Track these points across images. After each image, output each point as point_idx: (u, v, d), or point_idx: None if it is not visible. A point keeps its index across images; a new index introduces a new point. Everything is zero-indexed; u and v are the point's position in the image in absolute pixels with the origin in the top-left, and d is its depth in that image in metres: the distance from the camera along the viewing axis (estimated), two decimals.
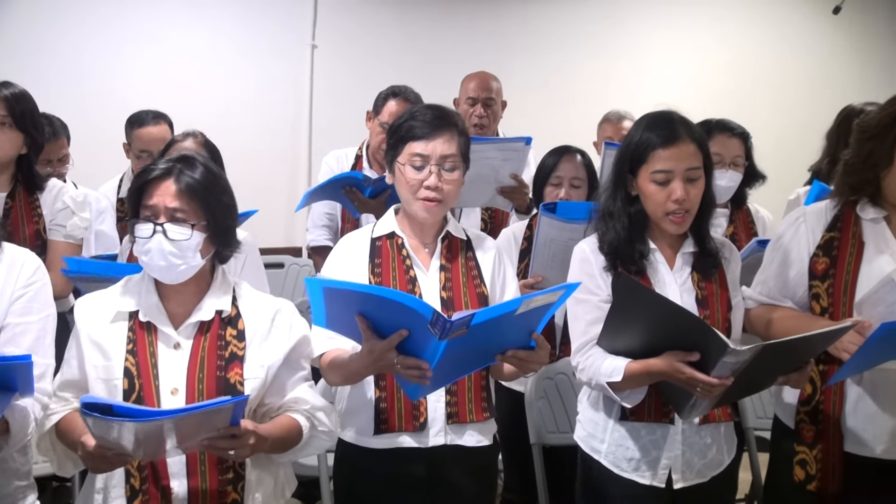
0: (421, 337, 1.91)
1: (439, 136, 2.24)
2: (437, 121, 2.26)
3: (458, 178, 2.28)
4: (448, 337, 1.86)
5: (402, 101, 3.67)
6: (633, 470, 2.29)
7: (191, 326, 2.08)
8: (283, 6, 5.78)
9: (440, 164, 2.24)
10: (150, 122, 3.92)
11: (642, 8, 6.04)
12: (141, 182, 2.06)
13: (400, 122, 2.30)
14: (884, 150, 2.25)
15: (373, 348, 1.98)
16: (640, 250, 2.26)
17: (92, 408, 1.74)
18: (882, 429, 2.26)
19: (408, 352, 1.97)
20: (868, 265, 2.27)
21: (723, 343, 1.93)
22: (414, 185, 2.25)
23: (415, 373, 1.96)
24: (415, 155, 2.24)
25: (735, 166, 3.25)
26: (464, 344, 1.91)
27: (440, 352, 1.89)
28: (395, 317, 1.92)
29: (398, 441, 2.25)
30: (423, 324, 1.87)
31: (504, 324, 1.95)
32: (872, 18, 6.23)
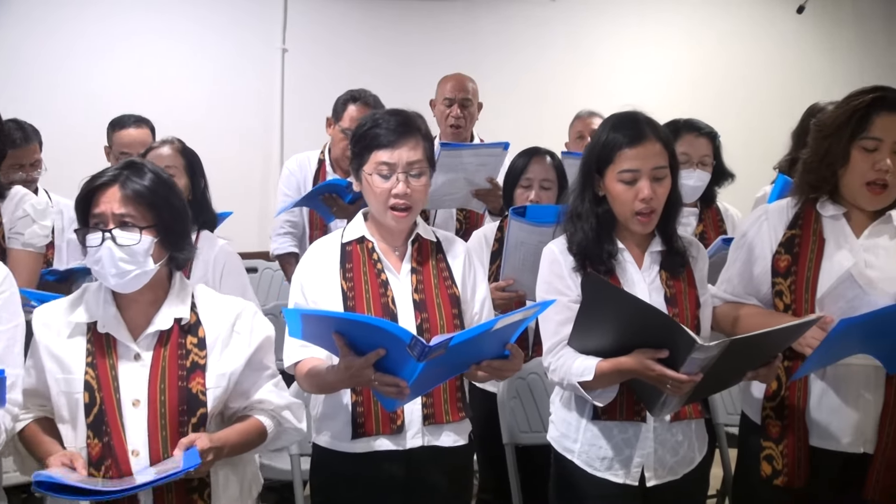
0: (399, 356, 1.92)
1: (404, 144, 2.25)
2: (401, 128, 2.26)
3: (425, 184, 2.29)
4: (426, 359, 1.88)
5: (361, 106, 3.68)
6: (606, 469, 2.30)
7: (150, 336, 2.06)
8: (253, 11, 5.76)
9: (407, 172, 2.25)
10: (131, 124, 3.91)
11: (611, 8, 6.07)
12: (87, 190, 2.04)
13: (363, 130, 2.30)
14: (839, 149, 2.28)
15: (350, 365, 1.99)
16: (609, 250, 2.28)
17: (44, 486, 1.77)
18: (846, 422, 2.29)
19: (385, 369, 1.97)
20: (829, 261, 2.30)
21: (690, 339, 1.95)
22: (382, 194, 2.25)
23: (392, 390, 1.98)
24: (381, 164, 2.24)
25: (703, 165, 3.27)
26: (441, 361, 1.93)
27: (418, 371, 1.90)
28: (373, 338, 1.94)
29: (376, 444, 2.25)
30: (401, 346, 1.88)
31: (480, 340, 1.98)
32: (836, 18, 6.30)
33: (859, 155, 2.26)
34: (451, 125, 3.90)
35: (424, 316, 2.26)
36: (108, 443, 1.97)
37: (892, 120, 2.24)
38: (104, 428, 1.97)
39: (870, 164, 2.24)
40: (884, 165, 2.23)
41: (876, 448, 2.27)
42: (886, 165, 2.22)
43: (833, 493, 2.35)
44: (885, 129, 2.23)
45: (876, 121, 2.24)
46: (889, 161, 2.23)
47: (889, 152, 2.23)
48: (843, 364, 2.26)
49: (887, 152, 2.23)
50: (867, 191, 2.27)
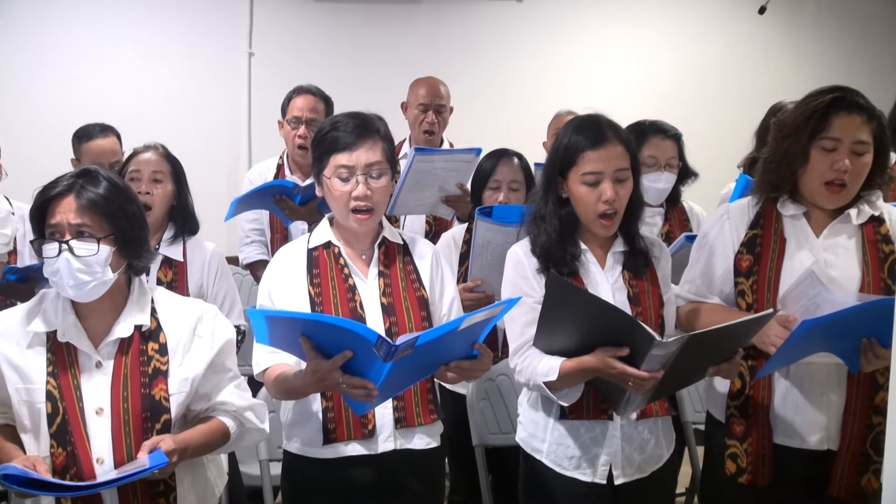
0: (366, 358, 1.92)
1: (362, 145, 2.24)
2: (358, 129, 2.26)
3: (385, 185, 2.29)
4: (393, 359, 1.87)
5: (305, 95, 3.78)
6: (574, 468, 2.32)
7: (111, 344, 2.06)
8: (219, 15, 5.72)
9: (366, 173, 2.24)
10: (98, 135, 3.88)
11: (576, 10, 6.09)
12: (42, 200, 2.02)
13: (322, 135, 2.30)
14: (799, 149, 2.30)
15: (317, 368, 1.98)
16: (572, 252, 2.30)
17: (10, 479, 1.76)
18: (811, 420, 2.32)
19: (353, 371, 1.97)
20: (790, 261, 2.33)
21: (649, 336, 1.97)
22: (343, 197, 2.25)
23: (360, 392, 1.97)
24: (340, 167, 2.24)
25: (670, 167, 3.30)
26: (409, 361, 1.93)
27: (385, 372, 1.90)
28: (339, 339, 1.93)
29: (347, 450, 2.25)
30: (367, 347, 1.88)
31: (447, 340, 1.98)
32: (797, 18, 6.36)
33: (818, 155, 2.29)
34: (426, 131, 3.92)
35: (393, 319, 2.26)
36: (72, 452, 1.96)
37: (850, 120, 2.26)
38: (68, 437, 1.96)
39: (828, 163, 2.27)
40: (842, 165, 2.25)
41: (840, 445, 2.30)
42: (845, 165, 2.25)
43: (798, 491, 2.37)
44: (843, 129, 2.26)
45: (835, 121, 2.27)
46: (847, 161, 2.25)
47: (847, 152, 2.26)
48: (806, 363, 2.29)
49: (845, 152, 2.26)
50: (826, 190, 2.29)
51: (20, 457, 1.95)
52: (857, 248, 2.33)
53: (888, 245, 2.33)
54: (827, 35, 6.42)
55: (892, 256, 2.31)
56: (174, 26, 5.64)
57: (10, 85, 5.38)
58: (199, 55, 5.69)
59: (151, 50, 5.63)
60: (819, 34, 6.40)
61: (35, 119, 5.26)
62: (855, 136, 2.26)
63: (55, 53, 5.49)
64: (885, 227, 2.35)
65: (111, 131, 3.95)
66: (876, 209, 2.36)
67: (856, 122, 2.26)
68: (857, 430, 2.29)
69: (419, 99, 3.96)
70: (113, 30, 5.57)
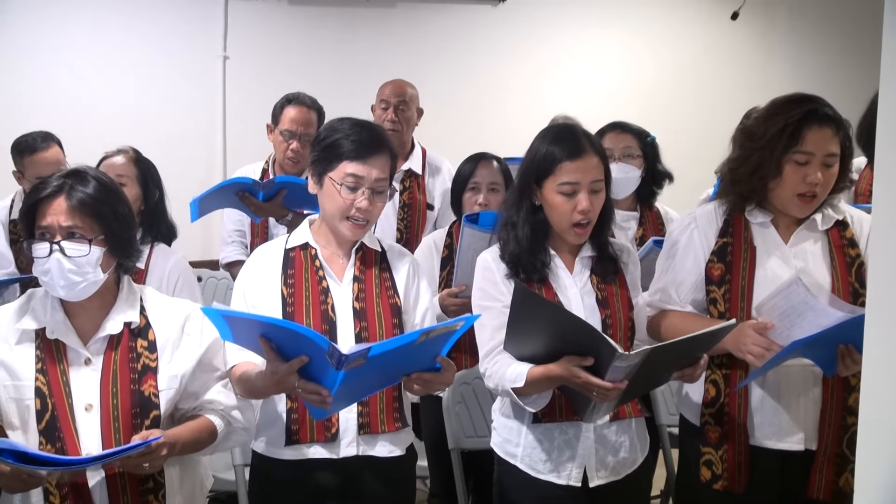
0: (320, 364, 1.92)
1: (377, 160, 2.26)
2: (374, 143, 2.27)
3: (385, 202, 2.32)
4: (345, 368, 1.87)
5: (298, 106, 3.71)
6: (548, 471, 2.32)
7: (100, 341, 2.06)
8: (193, 18, 5.69)
9: (373, 188, 2.26)
10: (39, 147, 3.78)
11: (552, 15, 6.12)
12: (32, 201, 2.02)
13: (334, 138, 2.28)
14: (772, 163, 2.31)
15: (275, 370, 1.99)
16: (542, 259, 2.32)
17: (4, 453, 1.76)
18: (786, 422, 2.33)
19: (310, 376, 1.98)
20: (762, 269, 2.35)
21: (612, 348, 1.99)
22: (346, 205, 2.25)
23: (315, 398, 1.98)
24: (349, 175, 2.24)
25: (627, 157, 3.30)
26: (364, 371, 1.93)
27: (339, 381, 1.90)
28: (296, 343, 1.93)
29: (309, 452, 2.25)
30: (321, 353, 1.88)
31: (405, 352, 1.97)
32: (770, 24, 6.43)
33: (791, 168, 2.30)
34: (388, 129, 3.90)
35: (364, 325, 2.26)
36: (61, 448, 1.96)
37: (821, 133, 2.28)
38: (57, 433, 1.97)
39: (801, 177, 2.29)
40: (815, 179, 2.28)
41: (817, 447, 2.31)
42: (818, 179, 2.28)
43: (775, 495, 2.38)
44: (815, 143, 2.28)
45: (807, 135, 2.28)
46: (820, 174, 2.28)
47: (819, 165, 2.28)
48: (783, 368, 2.30)
49: (818, 165, 2.28)
50: (798, 201, 2.32)
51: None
52: (825, 254, 2.36)
53: (854, 249, 2.35)
54: (799, 40, 6.50)
55: (858, 260, 2.34)
56: (147, 29, 5.60)
57: None
58: (173, 58, 5.66)
59: (124, 52, 5.59)
60: (791, 39, 6.48)
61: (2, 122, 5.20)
62: (826, 150, 2.28)
63: (24, 56, 5.43)
64: (849, 230, 2.38)
65: (52, 140, 3.86)
66: (839, 213, 2.39)
67: (826, 135, 2.28)
68: (834, 432, 2.31)
69: (382, 96, 3.96)
70: (85, 32, 5.52)
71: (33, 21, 5.43)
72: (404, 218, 3.83)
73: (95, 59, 5.54)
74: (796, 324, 2.18)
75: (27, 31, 5.42)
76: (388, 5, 5.95)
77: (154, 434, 1.93)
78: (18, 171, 3.84)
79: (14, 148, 3.83)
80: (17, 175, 3.86)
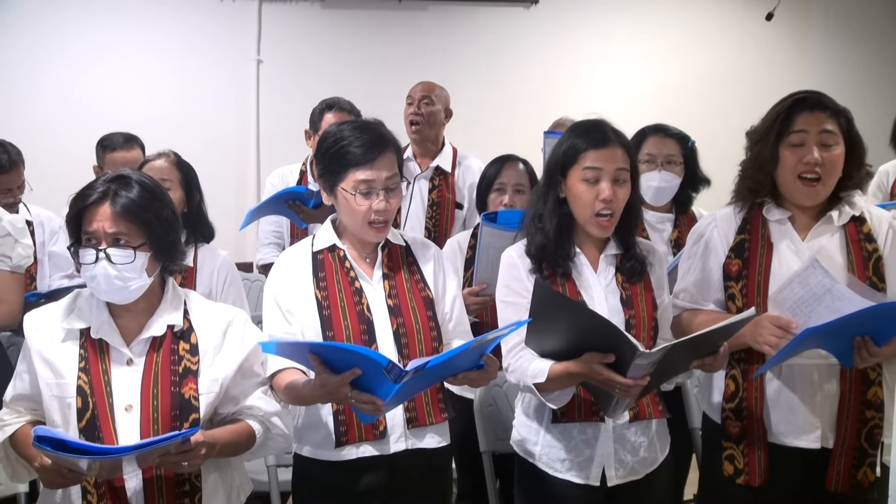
0: (375, 377, 1.93)
1: (383, 159, 2.26)
2: (375, 144, 2.26)
3: (401, 194, 2.31)
4: (402, 381, 1.89)
5: (338, 112, 3.72)
6: (566, 470, 2.33)
7: (143, 342, 2.08)
8: (228, 23, 5.76)
9: (386, 187, 2.26)
10: (122, 146, 3.90)
11: (585, 17, 6.11)
12: (79, 207, 2.04)
13: (335, 148, 2.27)
14: (768, 151, 2.36)
15: (325, 383, 1.99)
16: (566, 252, 2.32)
17: (44, 440, 1.77)
18: (804, 419, 2.35)
19: (361, 387, 1.98)
20: (778, 263, 2.37)
21: (633, 346, 1.99)
22: (363, 212, 2.26)
23: (369, 407, 1.99)
24: (360, 182, 2.24)
25: (669, 165, 3.26)
26: (418, 379, 1.96)
27: (394, 391, 1.92)
28: (348, 358, 1.95)
29: (359, 451, 2.27)
30: (378, 369, 1.90)
31: (457, 359, 2.01)
32: (804, 24, 6.36)
33: (788, 152, 2.34)
34: (411, 122, 3.92)
35: (400, 321, 2.27)
36: None
37: (813, 116, 2.34)
38: (96, 433, 1.98)
39: (798, 158, 2.33)
40: (811, 158, 2.31)
41: (835, 441, 2.33)
42: (814, 158, 2.30)
43: (796, 489, 2.40)
44: (807, 122, 2.33)
45: (798, 118, 2.34)
46: (816, 153, 2.30)
47: (815, 144, 2.32)
48: (797, 363, 2.32)
49: (812, 144, 2.31)
50: (801, 185, 2.34)
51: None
52: (842, 248, 2.37)
53: (871, 243, 2.37)
54: (835, 41, 6.42)
55: (875, 254, 2.36)
56: (183, 33, 5.69)
57: (16, 91, 5.42)
58: (208, 62, 5.74)
59: (160, 56, 5.68)
60: (827, 40, 6.41)
61: (43, 126, 5.30)
62: (819, 127, 2.32)
63: (62, 60, 5.53)
64: (866, 226, 2.40)
65: (135, 142, 3.97)
66: (856, 209, 2.41)
67: (819, 116, 2.34)
68: (852, 425, 2.32)
69: (409, 94, 4.00)
70: (120, 36, 5.62)
71: (67, 26, 5.54)
72: (433, 216, 3.85)
73: (132, 64, 5.64)
74: (814, 310, 2.19)
75: (69, 39, 5.54)
76: (420, 8, 5.97)
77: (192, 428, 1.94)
78: (98, 165, 3.95)
79: (99, 143, 3.95)
80: (96, 170, 3.96)
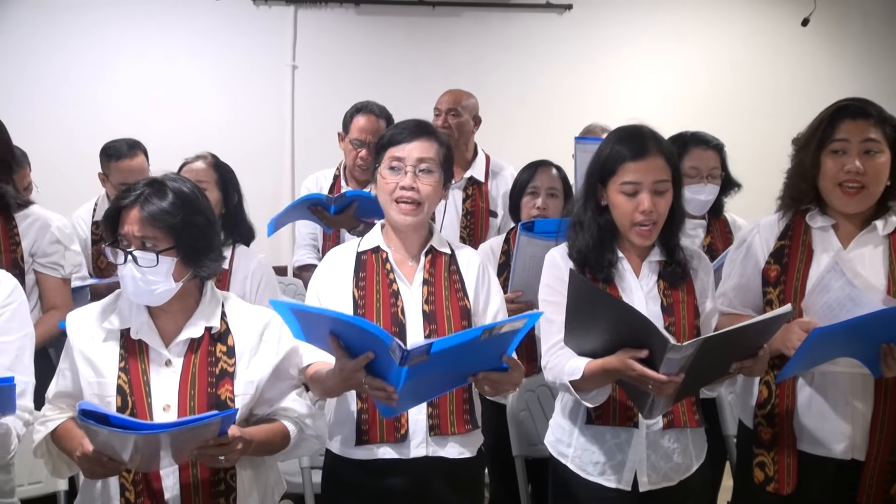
0: (385, 360, 1.94)
1: (416, 140, 2.30)
2: (416, 128, 2.33)
3: (435, 182, 2.32)
4: (408, 363, 1.89)
5: (367, 115, 3.76)
6: (598, 473, 2.33)
7: (181, 344, 2.11)
8: (263, 28, 5.83)
9: (416, 166, 2.29)
10: (126, 154, 3.91)
11: (618, 23, 6.09)
12: (114, 209, 2.09)
13: (384, 134, 2.37)
14: (809, 159, 2.35)
15: (343, 367, 2.01)
16: (609, 258, 2.32)
17: (89, 415, 1.80)
18: (835, 428, 2.32)
19: (376, 373, 1.99)
20: (817, 271, 2.34)
21: (664, 339, 1.98)
22: (390, 187, 2.29)
23: (381, 394, 1.99)
24: (392, 158, 2.30)
25: (712, 178, 3.30)
26: (429, 368, 1.94)
27: (403, 376, 1.92)
28: (362, 339, 1.96)
29: (379, 452, 2.28)
30: (384, 349, 1.91)
31: (468, 350, 1.97)
32: (840, 30, 6.30)
33: (829, 160, 2.33)
34: None
35: (433, 327, 2.27)
36: None
37: (856, 125, 2.31)
38: None
39: (839, 166, 2.31)
40: (852, 167, 2.29)
41: (867, 454, 2.29)
42: (855, 167, 2.29)
43: (827, 500, 2.37)
44: (849, 131, 2.31)
45: (841, 126, 2.32)
46: (858, 162, 2.28)
47: (857, 153, 2.29)
48: (831, 371, 2.30)
49: (855, 153, 2.30)
50: (841, 193, 2.32)
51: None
52: (884, 258, 2.34)
53: None
54: (874, 48, 6.35)
55: None
56: (219, 39, 5.76)
57: (45, 98, 5.51)
58: (244, 68, 5.81)
59: (196, 63, 5.76)
60: (865, 45, 6.33)
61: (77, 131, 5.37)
62: (862, 136, 2.30)
63: (98, 66, 5.64)
64: None
65: (138, 148, 3.98)
66: None
67: (861, 125, 2.31)
68: (886, 439, 2.28)
69: (437, 105, 4.03)
70: (157, 42, 5.70)
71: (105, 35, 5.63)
72: (467, 226, 3.87)
73: (166, 69, 5.71)
74: (838, 316, 2.17)
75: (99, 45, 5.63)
76: (454, 14, 5.99)
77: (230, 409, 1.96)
78: (104, 174, 3.97)
79: (103, 152, 3.96)
80: (101, 177, 3.99)
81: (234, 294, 2.87)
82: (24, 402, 2.09)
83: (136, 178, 3.51)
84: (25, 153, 3.87)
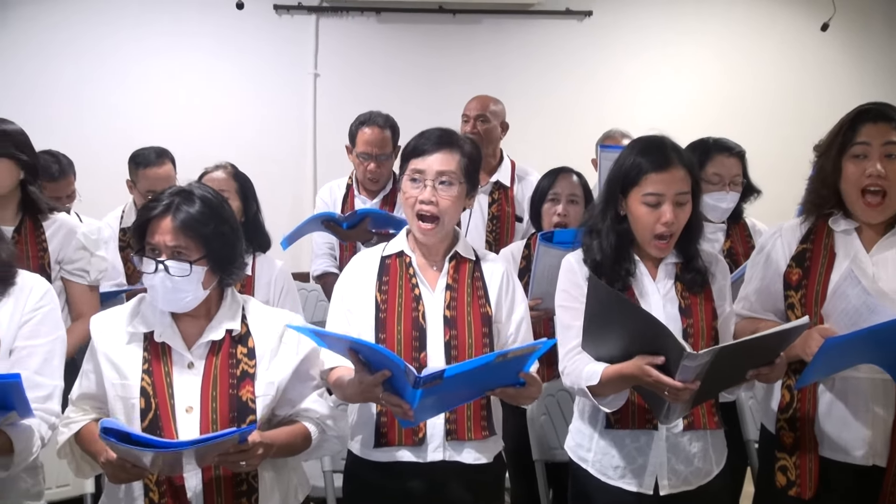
0: (401, 380, 1.97)
1: (438, 153, 2.31)
2: (438, 139, 2.33)
3: (455, 195, 2.32)
4: (421, 387, 1.92)
5: (372, 127, 3.78)
6: (619, 477, 2.34)
7: (203, 346, 2.15)
8: (285, 36, 5.87)
9: (435, 179, 2.30)
10: (154, 162, 3.96)
11: (638, 29, 6.09)
12: (143, 219, 2.12)
13: (409, 142, 2.38)
14: (830, 164, 2.33)
15: (362, 380, 2.05)
16: (627, 268, 2.33)
17: (111, 432, 1.84)
18: (856, 434, 2.30)
19: (394, 389, 2.03)
20: (838, 275, 2.31)
21: (680, 347, 1.98)
22: (410, 200, 2.31)
23: (398, 410, 2.02)
24: (414, 171, 2.31)
25: (734, 185, 3.29)
26: (443, 388, 1.96)
27: (417, 397, 1.94)
28: (378, 358, 1.99)
29: (397, 455, 2.30)
30: (399, 371, 1.94)
31: (483, 372, 2.00)
32: (859, 35, 6.26)
33: (851, 165, 2.30)
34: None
35: (453, 333, 2.29)
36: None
37: (877, 128, 2.28)
38: (158, 432, 2.05)
39: (861, 171, 2.28)
40: (874, 171, 2.26)
41: (889, 460, 2.27)
42: (877, 170, 2.26)
43: None
44: (870, 134, 2.28)
45: (862, 130, 2.29)
46: (880, 166, 2.26)
47: (879, 157, 2.27)
48: (852, 377, 2.28)
49: (876, 157, 2.27)
50: (864, 204, 2.30)
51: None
52: None
53: None
54: (894, 52, 6.30)
55: None
56: (242, 47, 5.80)
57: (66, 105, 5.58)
58: (266, 76, 5.84)
59: (219, 71, 5.80)
60: (886, 50, 6.29)
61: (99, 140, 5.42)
62: (884, 139, 2.27)
63: (122, 73, 5.69)
64: None
65: (166, 157, 4.03)
66: None
67: (882, 128, 2.28)
68: None
69: (464, 111, 4.05)
70: (179, 50, 5.75)
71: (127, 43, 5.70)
72: (493, 230, 3.88)
73: (188, 78, 5.77)
74: (856, 323, 2.14)
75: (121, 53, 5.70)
76: (475, 21, 6.01)
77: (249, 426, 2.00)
78: (132, 180, 4.02)
79: (131, 159, 4.01)
80: (129, 184, 4.04)
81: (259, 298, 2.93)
82: (50, 406, 2.13)
83: (163, 185, 3.58)
84: (72, 162, 3.92)
